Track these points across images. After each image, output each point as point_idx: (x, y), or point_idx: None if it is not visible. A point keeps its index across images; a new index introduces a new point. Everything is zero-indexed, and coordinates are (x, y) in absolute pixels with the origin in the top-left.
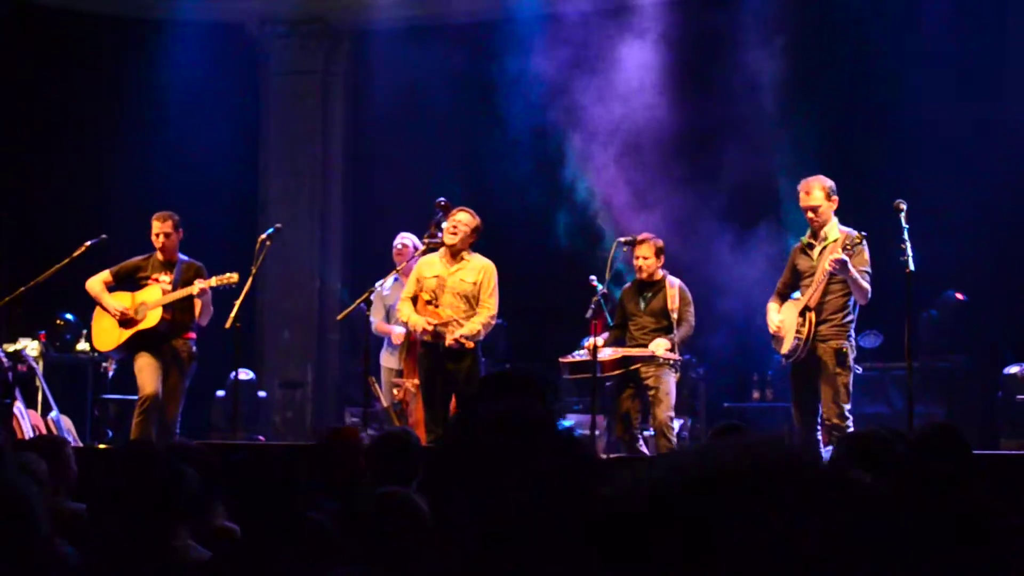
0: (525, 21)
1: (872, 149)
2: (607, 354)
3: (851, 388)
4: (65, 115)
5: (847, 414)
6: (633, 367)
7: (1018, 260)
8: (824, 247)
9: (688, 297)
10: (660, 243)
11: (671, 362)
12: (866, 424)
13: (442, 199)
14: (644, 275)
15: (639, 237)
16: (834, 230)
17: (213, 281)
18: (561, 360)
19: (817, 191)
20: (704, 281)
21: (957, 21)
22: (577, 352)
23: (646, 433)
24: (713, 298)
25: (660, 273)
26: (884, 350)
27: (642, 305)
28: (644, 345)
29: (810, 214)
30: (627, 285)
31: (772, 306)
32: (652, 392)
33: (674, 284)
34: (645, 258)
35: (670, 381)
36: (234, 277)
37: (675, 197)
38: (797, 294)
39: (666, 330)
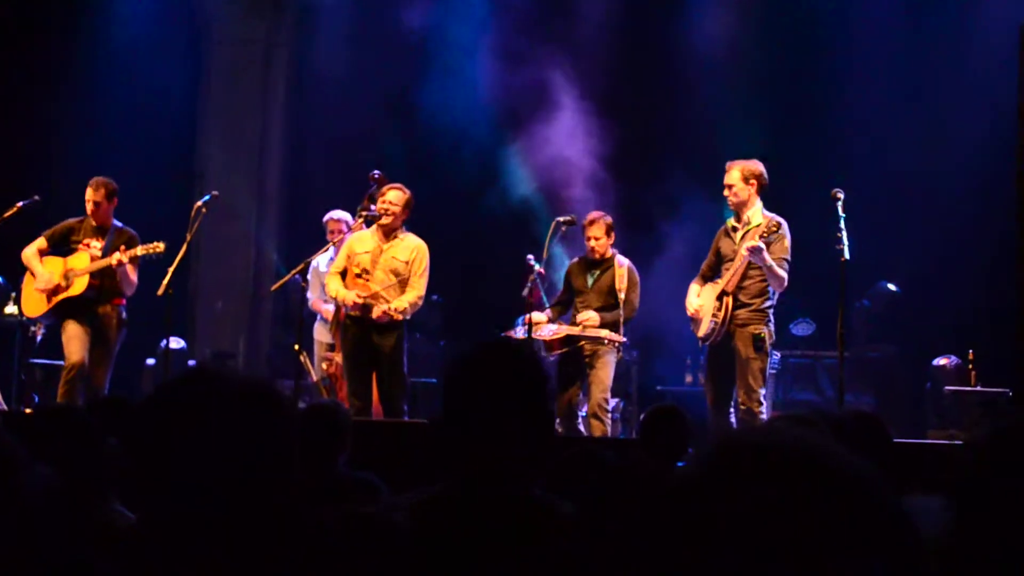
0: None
1: (810, 138)
2: (551, 331)
3: (767, 373)
4: (0, 76)
5: (762, 399)
6: (577, 344)
7: (951, 252)
8: (747, 231)
9: (636, 278)
10: (610, 220)
11: (614, 344)
12: (793, 409)
13: (376, 172)
14: (597, 255)
15: (590, 216)
16: (757, 215)
17: (139, 250)
18: (502, 336)
19: (736, 172)
20: (639, 265)
21: (899, 14)
22: (518, 328)
23: (582, 413)
24: (650, 282)
25: (610, 251)
26: (816, 338)
27: (589, 282)
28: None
29: (726, 191)
30: (574, 260)
31: (693, 287)
32: (591, 371)
33: (623, 264)
34: (597, 238)
35: (610, 360)
36: (160, 246)
37: (613, 180)
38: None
39: (611, 308)
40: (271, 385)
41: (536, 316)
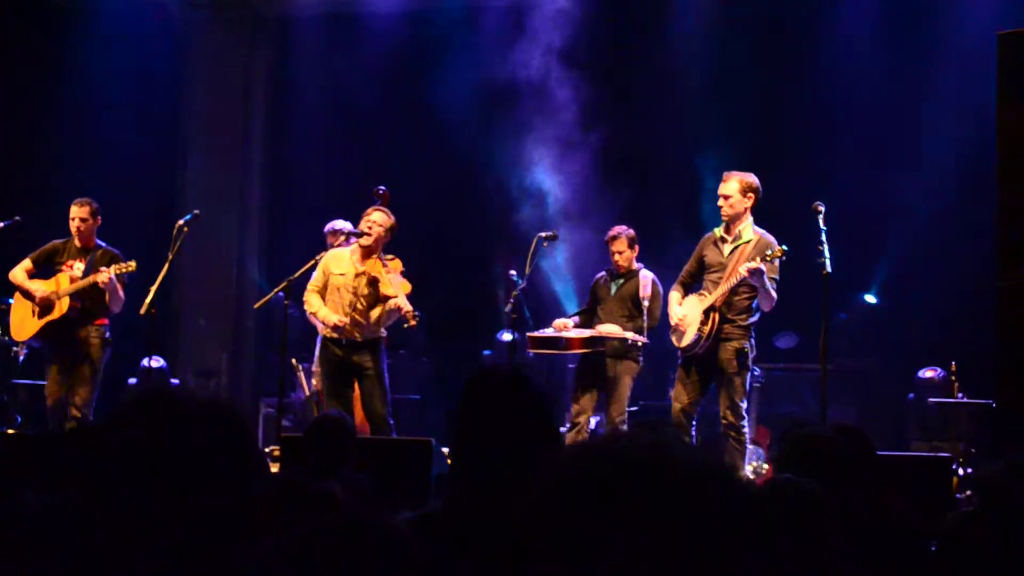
0: (450, 12)
1: (791, 151)
2: (577, 330)
3: (748, 387)
4: None
5: (744, 413)
6: (600, 348)
7: (931, 264)
8: (736, 246)
9: (659, 291)
10: (632, 233)
11: (635, 358)
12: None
13: (381, 187)
14: (622, 268)
15: (611, 232)
16: (748, 230)
17: (113, 270)
18: (529, 335)
19: (734, 182)
20: None
21: (880, 26)
22: (545, 328)
23: (591, 427)
24: None
25: (635, 264)
26: (799, 351)
27: (612, 290)
28: None
29: (721, 201)
30: (601, 274)
31: (674, 296)
32: (612, 389)
33: (647, 276)
34: (620, 252)
35: (629, 381)
36: (132, 265)
37: (600, 194)
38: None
39: (632, 318)
40: (225, 406)
41: (560, 321)
